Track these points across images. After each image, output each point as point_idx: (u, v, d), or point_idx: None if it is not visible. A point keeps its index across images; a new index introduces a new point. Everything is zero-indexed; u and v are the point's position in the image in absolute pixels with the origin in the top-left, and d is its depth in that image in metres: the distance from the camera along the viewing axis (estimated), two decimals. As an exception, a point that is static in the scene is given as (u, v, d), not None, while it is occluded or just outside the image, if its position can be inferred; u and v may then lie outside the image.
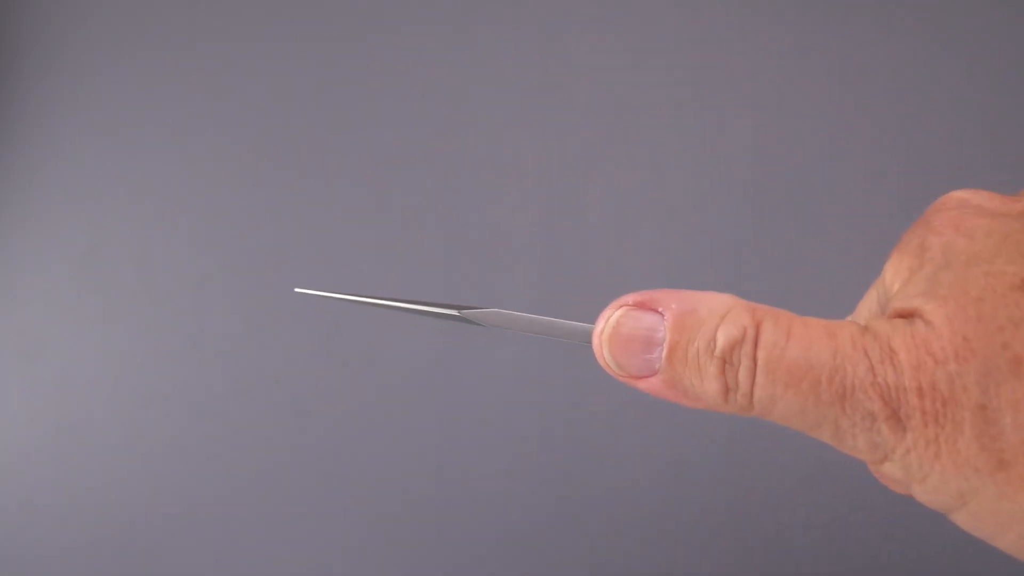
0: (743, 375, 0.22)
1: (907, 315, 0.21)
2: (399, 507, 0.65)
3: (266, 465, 0.66)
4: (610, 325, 0.24)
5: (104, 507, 0.64)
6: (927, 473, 0.20)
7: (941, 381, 0.20)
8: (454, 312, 0.27)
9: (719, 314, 0.23)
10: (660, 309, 0.23)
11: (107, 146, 0.73)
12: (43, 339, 0.68)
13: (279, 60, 0.75)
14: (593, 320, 0.22)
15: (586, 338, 0.26)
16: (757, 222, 0.70)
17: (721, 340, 0.22)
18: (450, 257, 0.69)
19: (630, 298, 0.24)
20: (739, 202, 0.71)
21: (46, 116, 0.73)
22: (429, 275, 0.68)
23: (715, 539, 0.65)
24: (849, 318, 0.26)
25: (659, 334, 0.23)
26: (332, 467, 0.66)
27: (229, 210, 0.71)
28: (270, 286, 0.69)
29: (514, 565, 0.65)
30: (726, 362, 0.22)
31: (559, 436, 0.66)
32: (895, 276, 0.23)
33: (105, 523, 0.64)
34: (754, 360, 0.22)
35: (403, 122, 0.74)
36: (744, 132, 0.73)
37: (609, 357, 0.24)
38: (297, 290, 0.28)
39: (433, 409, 0.66)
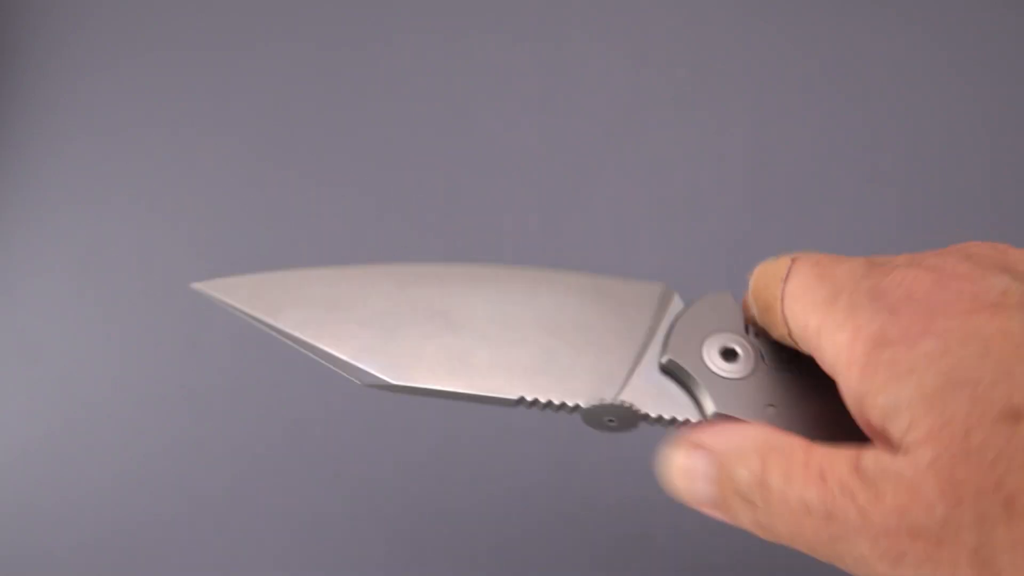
0: (761, 516, 0.25)
1: (892, 441, 0.21)
2: (401, 507, 0.65)
3: (267, 465, 0.66)
4: (669, 468, 0.30)
5: (104, 507, 0.64)
6: None
7: (934, 525, 0.19)
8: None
9: (743, 453, 0.26)
10: (706, 447, 0.27)
11: (107, 146, 0.73)
12: (43, 339, 0.68)
13: (280, 61, 0.75)
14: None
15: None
16: (757, 222, 0.70)
17: (742, 480, 0.25)
18: (450, 257, 0.69)
19: (685, 439, 0.29)
20: (739, 202, 0.71)
21: (46, 116, 0.73)
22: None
23: (718, 536, 0.65)
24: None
25: (704, 473, 0.27)
26: (334, 467, 0.66)
27: (229, 210, 0.71)
28: (270, 286, 0.68)
29: (516, 565, 0.65)
30: (746, 501, 0.25)
31: (562, 434, 0.66)
32: (857, 338, 0.24)
33: (105, 523, 0.64)
34: (766, 502, 0.24)
35: (403, 123, 0.74)
36: (744, 132, 0.73)
37: (673, 492, 0.30)
38: (194, 286, 0.28)
39: (436, 408, 0.67)
